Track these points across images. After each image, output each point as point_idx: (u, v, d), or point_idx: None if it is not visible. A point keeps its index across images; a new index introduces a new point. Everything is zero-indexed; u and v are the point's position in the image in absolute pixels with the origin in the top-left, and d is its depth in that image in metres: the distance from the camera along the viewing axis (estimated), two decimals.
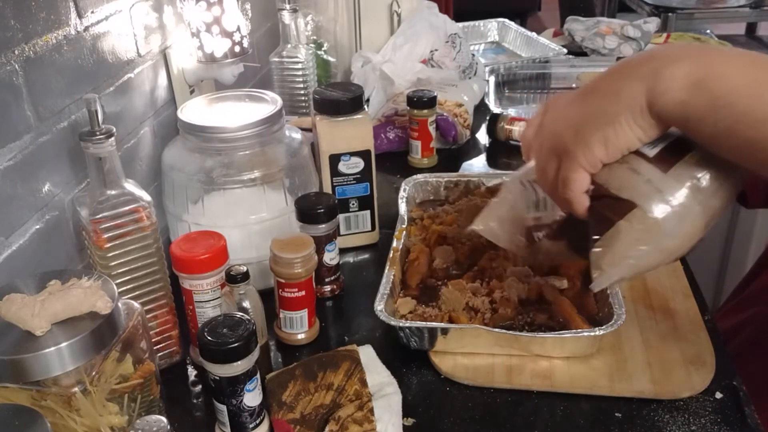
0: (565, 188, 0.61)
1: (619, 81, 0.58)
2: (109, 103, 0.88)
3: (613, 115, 0.57)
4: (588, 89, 0.60)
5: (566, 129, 0.60)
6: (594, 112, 0.58)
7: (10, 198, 0.70)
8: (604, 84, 0.59)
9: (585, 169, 0.60)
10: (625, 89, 0.56)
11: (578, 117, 0.59)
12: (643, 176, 0.58)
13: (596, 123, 0.58)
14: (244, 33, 1.06)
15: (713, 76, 0.53)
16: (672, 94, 0.54)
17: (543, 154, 0.63)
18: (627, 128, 0.57)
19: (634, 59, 0.59)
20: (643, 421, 0.69)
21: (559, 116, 0.62)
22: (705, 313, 0.82)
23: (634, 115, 0.56)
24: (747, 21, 3.18)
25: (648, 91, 0.55)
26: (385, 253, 0.89)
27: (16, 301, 0.58)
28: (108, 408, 0.61)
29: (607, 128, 0.57)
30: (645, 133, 0.57)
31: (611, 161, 0.59)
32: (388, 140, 1.28)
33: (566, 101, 0.62)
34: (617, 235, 0.59)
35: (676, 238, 0.58)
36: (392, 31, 1.52)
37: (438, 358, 0.78)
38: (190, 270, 0.75)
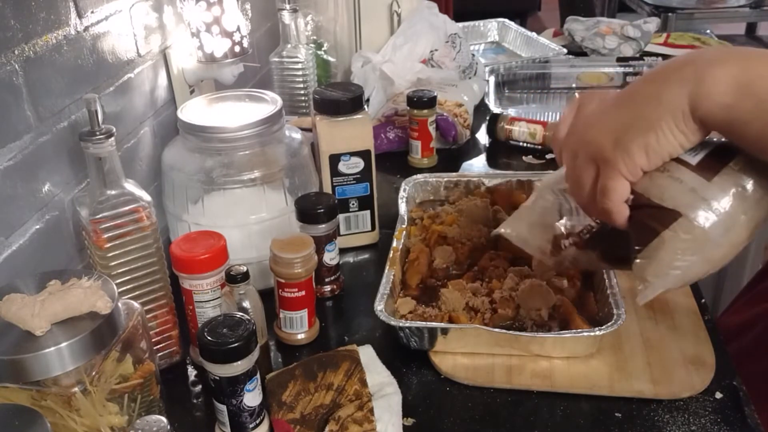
0: (604, 197, 0.59)
1: (659, 85, 0.56)
2: (109, 103, 0.88)
3: (655, 121, 0.55)
4: (626, 94, 0.59)
5: (604, 136, 0.58)
6: (634, 117, 0.56)
7: (10, 198, 0.70)
8: (644, 88, 0.57)
9: (625, 178, 0.58)
10: (666, 93, 0.55)
11: (617, 123, 0.57)
12: (687, 185, 0.56)
13: (637, 129, 0.56)
14: (244, 33, 1.06)
15: (758, 78, 0.51)
16: (716, 98, 0.52)
17: (579, 162, 0.60)
18: (669, 134, 0.55)
19: (673, 63, 0.57)
20: (643, 421, 0.69)
21: (595, 122, 0.59)
22: (705, 313, 0.82)
23: (676, 120, 0.54)
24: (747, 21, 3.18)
25: (690, 94, 0.53)
26: (385, 253, 0.89)
27: (16, 301, 0.58)
28: (108, 408, 0.61)
29: (649, 134, 0.55)
30: (687, 139, 0.55)
31: (652, 168, 0.58)
32: (388, 140, 1.28)
33: (602, 106, 0.60)
34: (662, 245, 0.58)
35: (722, 247, 0.57)
36: (392, 31, 1.52)
37: (438, 358, 0.78)
38: (190, 270, 0.75)
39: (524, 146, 1.28)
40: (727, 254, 0.58)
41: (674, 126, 0.55)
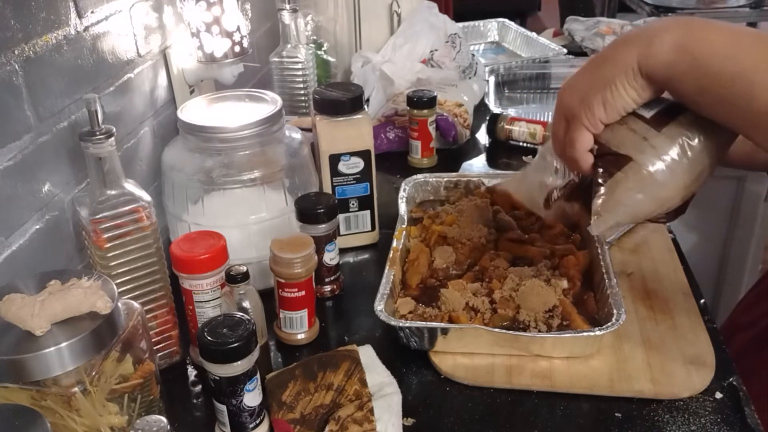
0: (571, 148, 0.68)
1: (616, 50, 0.65)
2: (109, 103, 0.88)
3: (610, 78, 0.64)
4: (593, 59, 0.68)
5: (573, 95, 0.67)
6: (595, 77, 0.66)
7: (10, 198, 0.70)
8: (605, 53, 0.66)
9: (588, 129, 0.67)
10: (621, 55, 0.64)
11: (582, 84, 0.67)
12: (640, 134, 0.65)
13: (597, 87, 0.65)
14: (244, 33, 1.06)
15: (695, 40, 0.60)
16: (659, 57, 0.61)
17: (556, 119, 0.70)
18: (622, 90, 0.64)
19: (632, 31, 0.65)
20: (643, 421, 0.69)
21: (569, 86, 0.69)
22: (705, 313, 0.82)
23: (627, 77, 0.63)
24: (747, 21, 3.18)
25: (639, 55, 0.62)
26: (385, 253, 0.89)
27: (16, 301, 0.58)
28: (108, 408, 0.61)
29: (606, 90, 0.64)
30: (638, 94, 0.64)
31: (611, 122, 0.66)
32: (388, 140, 1.28)
33: (577, 73, 0.69)
34: (615, 185, 0.66)
35: (667, 188, 0.66)
36: (392, 31, 1.52)
37: (438, 358, 0.78)
38: (190, 270, 0.75)
39: (524, 146, 1.28)
40: (672, 196, 0.67)
41: (626, 82, 0.63)
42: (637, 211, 0.68)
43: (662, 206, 0.67)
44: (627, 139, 0.66)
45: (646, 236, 0.98)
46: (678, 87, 0.62)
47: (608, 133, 0.67)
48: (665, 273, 0.90)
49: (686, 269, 0.91)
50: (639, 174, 0.65)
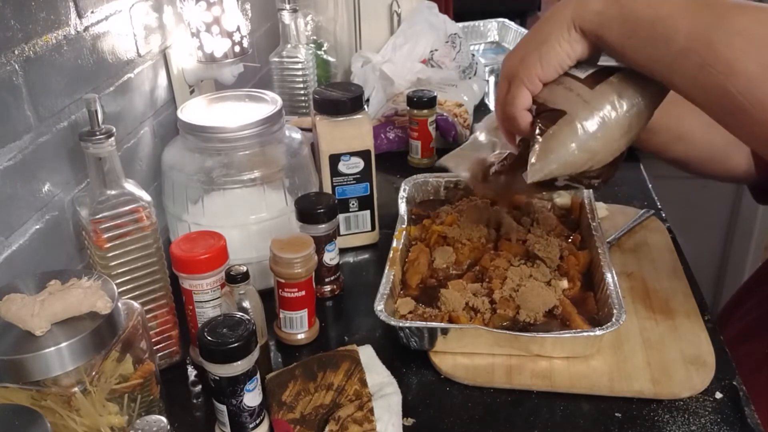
0: (511, 105, 0.72)
1: (554, 10, 0.69)
2: (109, 103, 0.88)
3: (546, 35, 0.69)
4: (535, 24, 0.72)
5: (514, 56, 0.72)
6: (533, 36, 0.71)
7: (10, 198, 0.70)
8: (545, 16, 0.71)
9: (526, 87, 0.71)
10: (557, 14, 0.69)
11: (523, 45, 0.71)
12: (575, 92, 0.70)
13: (534, 45, 0.70)
14: (244, 33, 1.06)
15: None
16: (590, 7, 0.66)
17: (499, 83, 0.75)
18: (557, 44, 0.68)
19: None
20: (643, 421, 0.69)
21: (513, 50, 0.73)
22: (705, 313, 0.82)
23: (561, 31, 0.68)
24: None
25: (573, 9, 0.67)
26: (385, 253, 0.89)
27: (16, 301, 0.58)
28: (108, 408, 0.61)
29: (541, 47, 0.69)
30: (572, 48, 0.68)
31: (548, 78, 0.71)
32: (388, 140, 1.28)
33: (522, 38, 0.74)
34: (549, 136, 0.70)
35: (597, 140, 0.70)
36: (392, 31, 1.52)
37: (438, 358, 0.78)
38: (190, 270, 0.75)
39: None
40: (604, 148, 0.71)
41: (560, 37, 0.68)
42: (570, 161, 0.71)
43: (593, 158, 0.71)
44: (563, 96, 0.70)
45: (646, 236, 0.98)
46: (606, 34, 0.66)
47: (546, 92, 0.72)
48: (665, 273, 0.90)
49: (686, 269, 0.91)
50: (571, 125, 0.69)
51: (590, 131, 0.69)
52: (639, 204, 1.06)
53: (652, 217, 1.01)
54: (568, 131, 0.69)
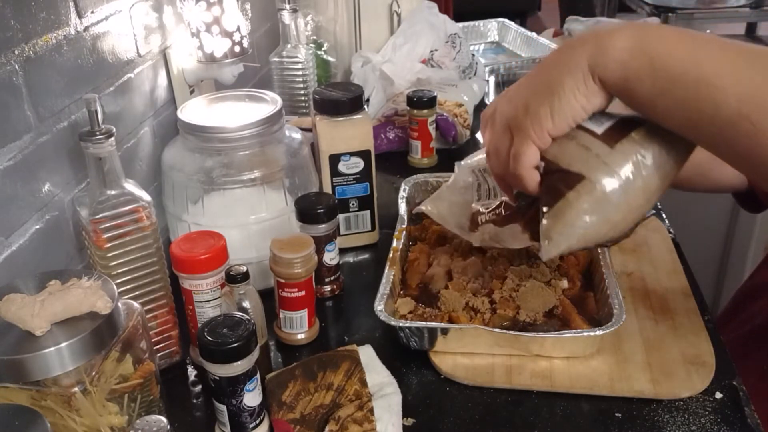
0: (516, 163, 0.63)
1: (564, 54, 0.60)
2: (109, 103, 0.88)
3: (558, 84, 0.59)
4: (538, 66, 0.63)
5: (517, 104, 0.62)
6: (541, 84, 0.61)
7: (10, 198, 0.70)
8: (552, 58, 0.62)
9: (535, 143, 0.62)
10: (570, 59, 0.59)
11: (527, 91, 0.62)
12: (592, 151, 0.61)
13: (543, 94, 0.60)
14: (244, 33, 1.06)
15: (652, 40, 0.56)
16: (613, 55, 0.57)
17: (496, 132, 0.64)
18: (571, 96, 0.59)
19: (578, 36, 0.62)
20: (643, 421, 0.69)
21: (512, 94, 0.64)
22: (705, 313, 0.82)
23: (577, 81, 0.58)
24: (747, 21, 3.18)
25: (591, 56, 0.58)
26: (385, 253, 0.89)
27: (16, 301, 0.58)
28: (108, 408, 0.61)
29: (553, 98, 0.59)
30: (589, 101, 0.59)
31: (559, 133, 0.62)
32: (388, 140, 1.28)
33: (520, 81, 0.64)
34: (566, 205, 0.62)
35: (621, 209, 0.62)
36: (392, 31, 1.52)
37: (438, 358, 0.78)
38: (190, 270, 0.75)
39: None
40: (626, 218, 0.63)
41: (575, 87, 0.59)
42: (590, 234, 0.63)
43: (615, 229, 0.63)
44: (578, 155, 0.61)
45: (646, 236, 0.98)
46: (634, 89, 0.57)
47: (556, 148, 0.62)
48: (665, 273, 0.90)
49: (686, 269, 0.91)
50: (592, 194, 0.61)
51: (612, 200, 0.61)
52: None
53: (652, 217, 1.01)
54: (589, 201, 0.61)
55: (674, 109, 0.56)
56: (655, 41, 0.56)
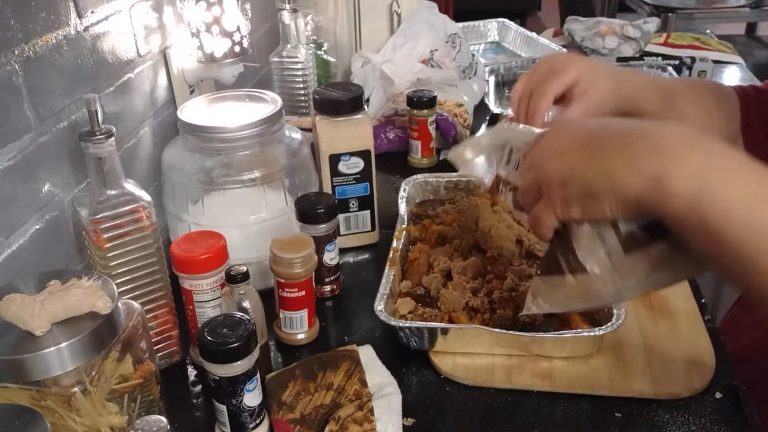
0: (535, 224, 0.62)
1: (620, 160, 0.55)
2: (109, 103, 0.88)
3: (599, 192, 0.56)
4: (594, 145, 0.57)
5: (556, 173, 0.59)
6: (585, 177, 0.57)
7: (10, 198, 0.70)
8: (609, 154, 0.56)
9: (557, 217, 0.60)
10: (621, 175, 0.55)
11: (569, 169, 0.58)
12: (606, 248, 0.59)
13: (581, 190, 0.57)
14: (244, 33, 1.06)
15: (710, 197, 0.51)
16: (666, 206, 0.53)
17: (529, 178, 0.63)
18: (606, 207, 0.56)
19: (644, 138, 0.55)
20: (643, 421, 0.69)
21: (557, 153, 0.60)
22: (705, 313, 0.82)
23: (618, 200, 0.55)
24: (747, 21, 3.18)
25: (640, 190, 0.53)
26: (385, 253, 0.89)
27: (16, 301, 0.58)
28: (108, 408, 0.61)
29: (588, 200, 0.57)
30: (621, 216, 0.57)
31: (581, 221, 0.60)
32: (388, 140, 1.28)
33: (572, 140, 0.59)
34: (562, 285, 0.63)
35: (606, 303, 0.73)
36: (392, 31, 1.52)
37: (438, 358, 0.78)
38: (190, 270, 0.75)
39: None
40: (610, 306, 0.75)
41: (614, 204, 0.55)
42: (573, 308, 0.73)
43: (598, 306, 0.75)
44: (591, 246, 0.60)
45: None
46: (681, 232, 0.53)
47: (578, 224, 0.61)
48: None
49: None
50: (589, 288, 0.61)
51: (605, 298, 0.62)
52: None
53: None
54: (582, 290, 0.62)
55: (718, 261, 0.52)
56: (713, 198, 0.50)
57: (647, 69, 1.61)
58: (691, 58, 1.63)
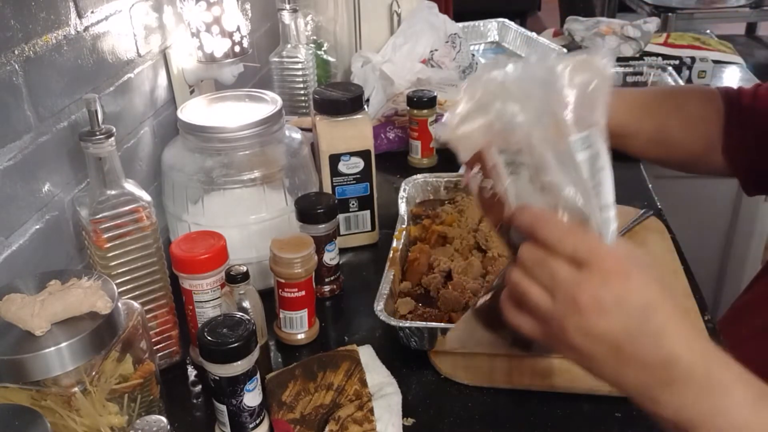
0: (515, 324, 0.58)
1: (635, 372, 0.54)
2: (109, 103, 0.88)
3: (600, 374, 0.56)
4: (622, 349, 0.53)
5: (575, 338, 0.54)
6: (597, 367, 0.55)
7: (10, 198, 0.70)
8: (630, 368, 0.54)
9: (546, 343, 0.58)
10: (629, 388, 0.55)
11: (588, 350, 0.54)
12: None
13: (585, 365, 0.56)
14: (244, 33, 1.06)
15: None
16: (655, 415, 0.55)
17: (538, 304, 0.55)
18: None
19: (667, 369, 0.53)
20: (644, 421, 0.69)
21: (584, 326, 0.53)
22: (705, 313, 0.82)
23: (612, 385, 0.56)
24: (747, 21, 3.18)
25: (646, 400, 0.56)
26: (385, 253, 0.89)
27: (16, 301, 0.58)
28: (108, 408, 0.61)
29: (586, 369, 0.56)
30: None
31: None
32: (388, 140, 1.28)
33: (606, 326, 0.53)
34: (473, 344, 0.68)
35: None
36: (392, 31, 1.52)
37: (438, 358, 0.78)
38: (190, 270, 0.75)
39: None
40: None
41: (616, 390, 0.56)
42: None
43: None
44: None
45: (646, 236, 0.98)
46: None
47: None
48: (665, 273, 0.90)
49: (686, 269, 0.90)
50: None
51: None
52: (639, 204, 1.06)
53: (652, 217, 1.01)
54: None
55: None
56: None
57: (647, 69, 1.61)
58: (691, 58, 1.63)
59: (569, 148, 0.53)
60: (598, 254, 0.53)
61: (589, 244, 0.53)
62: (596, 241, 0.54)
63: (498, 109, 0.56)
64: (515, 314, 0.57)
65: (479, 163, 0.60)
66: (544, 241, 0.54)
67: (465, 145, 0.60)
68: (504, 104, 0.55)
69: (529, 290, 0.55)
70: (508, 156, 0.57)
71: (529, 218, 0.55)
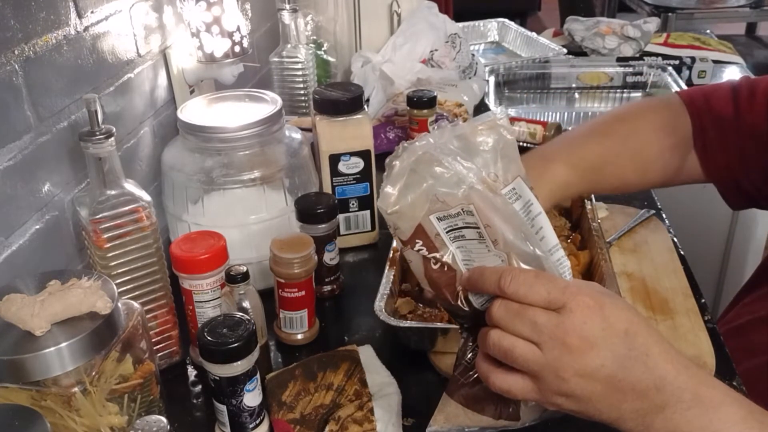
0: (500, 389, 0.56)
1: (632, 401, 0.54)
2: (109, 103, 0.88)
3: (597, 418, 0.56)
4: (617, 385, 0.53)
5: (568, 383, 0.54)
6: (594, 409, 0.55)
7: (10, 198, 0.70)
8: (626, 402, 0.54)
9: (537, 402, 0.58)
10: (629, 419, 0.54)
11: (581, 392, 0.54)
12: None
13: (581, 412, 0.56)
14: (244, 33, 1.06)
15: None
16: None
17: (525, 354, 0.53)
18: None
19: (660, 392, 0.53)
20: None
21: (580, 368, 0.53)
22: (705, 313, 0.82)
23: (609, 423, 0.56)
24: (747, 21, 3.18)
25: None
26: (385, 253, 0.89)
27: (16, 301, 0.58)
28: (108, 408, 0.61)
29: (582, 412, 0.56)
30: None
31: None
32: (388, 140, 1.28)
33: (598, 365, 0.53)
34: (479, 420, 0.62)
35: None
36: (392, 31, 1.52)
37: (438, 358, 0.78)
38: (190, 270, 0.75)
39: (524, 146, 1.27)
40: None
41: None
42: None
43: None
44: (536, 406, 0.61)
45: (646, 236, 0.98)
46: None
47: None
48: (665, 273, 0.90)
49: (686, 269, 0.91)
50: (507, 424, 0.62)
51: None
52: (639, 204, 1.06)
53: (652, 217, 1.01)
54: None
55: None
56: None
57: (647, 69, 1.61)
58: (691, 58, 1.63)
59: (505, 200, 0.55)
60: (572, 293, 0.52)
61: (559, 286, 0.53)
62: (564, 282, 0.54)
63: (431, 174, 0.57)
64: (502, 378, 0.55)
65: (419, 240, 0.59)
66: (515, 294, 0.53)
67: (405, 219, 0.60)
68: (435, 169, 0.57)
69: (513, 346, 0.53)
70: (448, 222, 0.57)
71: (492, 276, 0.54)
